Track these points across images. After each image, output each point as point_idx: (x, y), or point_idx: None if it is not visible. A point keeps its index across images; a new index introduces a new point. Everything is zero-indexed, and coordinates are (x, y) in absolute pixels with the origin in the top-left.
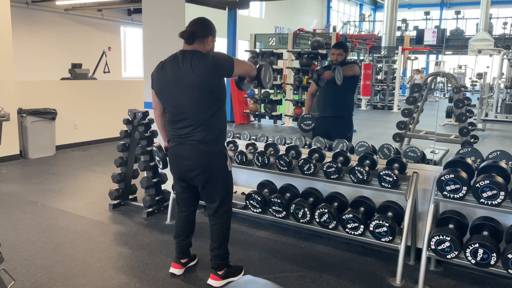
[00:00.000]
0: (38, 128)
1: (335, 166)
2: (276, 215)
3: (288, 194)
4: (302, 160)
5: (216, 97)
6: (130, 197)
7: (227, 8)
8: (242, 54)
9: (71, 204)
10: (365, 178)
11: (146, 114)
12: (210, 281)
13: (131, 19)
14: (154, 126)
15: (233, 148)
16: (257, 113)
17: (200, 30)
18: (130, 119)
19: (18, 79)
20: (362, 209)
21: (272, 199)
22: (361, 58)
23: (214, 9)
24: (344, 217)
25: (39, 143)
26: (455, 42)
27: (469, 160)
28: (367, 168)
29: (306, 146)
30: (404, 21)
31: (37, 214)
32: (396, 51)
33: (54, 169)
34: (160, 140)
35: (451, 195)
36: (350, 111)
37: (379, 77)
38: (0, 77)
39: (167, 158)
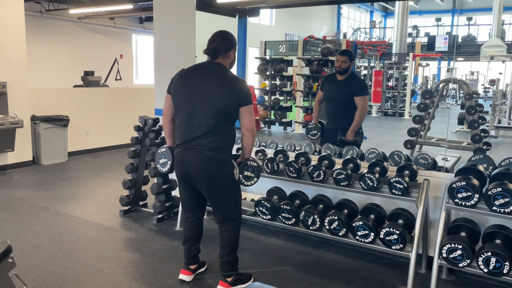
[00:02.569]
0: (51, 134)
1: (345, 173)
2: (286, 222)
3: (297, 201)
4: (312, 167)
5: (230, 116)
6: (141, 203)
7: (237, 16)
8: (252, 61)
9: (82, 210)
10: (375, 185)
11: (157, 121)
12: None
13: (142, 27)
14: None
15: None
16: (267, 119)
17: (223, 45)
18: (141, 126)
19: (31, 86)
20: (372, 216)
21: (282, 206)
22: (372, 64)
23: (224, 16)
24: (354, 224)
25: (52, 150)
26: (467, 49)
27: (481, 167)
28: (377, 175)
29: (315, 153)
30: (415, 27)
31: (49, 220)
32: (407, 58)
33: (66, 175)
34: None
35: (463, 203)
36: None
37: (390, 83)
38: (15, 84)
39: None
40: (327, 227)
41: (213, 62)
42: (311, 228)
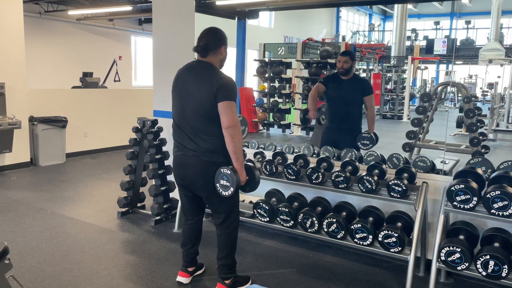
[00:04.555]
0: (49, 136)
1: (343, 175)
2: (284, 224)
3: (296, 203)
4: (310, 169)
5: (216, 114)
6: (139, 205)
7: (236, 18)
8: (251, 63)
9: (80, 212)
10: (373, 187)
11: (155, 122)
12: None
13: (141, 29)
14: (163, 134)
15: None
16: (265, 122)
17: (213, 42)
18: (139, 127)
19: (30, 87)
20: (370, 219)
21: (280, 208)
22: (371, 67)
23: (223, 18)
24: (352, 227)
25: (50, 151)
26: (466, 52)
27: (479, 170)
28: (376, 178)
29: (314, 155)
30: (413, 30)
31: (46, 221)
32: (406, 61)
33: (64, 177)
34: (168, 148)
35: (461, 206)
36: (359, 122)
37: (388, 86)
38: (13, 85)
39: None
40: (325, 230)
41: (201, 62)
42: (309, 230)
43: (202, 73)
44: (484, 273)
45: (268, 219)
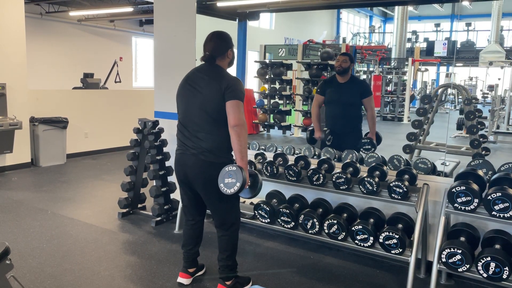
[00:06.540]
0: (50, 136)
1: (344, 176)
2: (285, 225)
3: (297, 205)
4: (311, 171)
5: (222, 114)
6: (139, 205)
7: (237, 19)
8: (252, 64)
9: (81, 212)
10: (374, 189)
11: (156, 123)
12: None
13: (142, 30)
14: (164, 135)
15: None
16: (266, 123)
17: (218, 49)
18: (140, 128)
19: (31, 88)
20: (371, 220)
21: (281, 210)
22: (371, 69)
23: (224, 20)
24: (353, 228)
25: (50, 152)
26: (466, 54)
27: (480, 172)
28: (376, 179)
29: (315, 157)
30: (414, 32)
31: (47, 222)
32: (406, 63)
33: (64, 177)
34: (169, 149)
35: (462, 208)
36: (359, 124)
37: (389, 88)
38: (14, 86)
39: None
40: (326, 231)
41: (208, 65)
42: (310, 232)
43: (210, 72)
44: (485, 275)
45: (268, 220)
